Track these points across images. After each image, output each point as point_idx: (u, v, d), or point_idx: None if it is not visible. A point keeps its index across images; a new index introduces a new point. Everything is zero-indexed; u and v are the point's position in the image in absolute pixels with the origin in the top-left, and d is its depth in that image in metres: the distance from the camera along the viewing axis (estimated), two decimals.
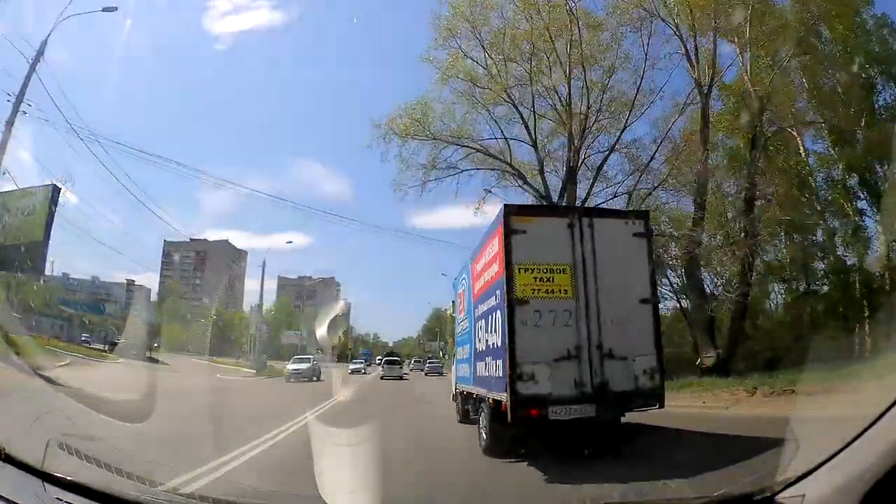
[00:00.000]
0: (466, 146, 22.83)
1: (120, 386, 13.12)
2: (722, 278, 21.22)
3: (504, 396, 6.30)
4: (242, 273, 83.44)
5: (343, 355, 63.28)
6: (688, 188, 20.83)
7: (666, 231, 23.18)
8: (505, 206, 6.92)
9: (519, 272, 6.46)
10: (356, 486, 4.14)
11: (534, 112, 21.68)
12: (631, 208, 12.09)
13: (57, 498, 2.37)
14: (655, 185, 21.03)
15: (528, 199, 24.54)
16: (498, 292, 6.85)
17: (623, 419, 6.97)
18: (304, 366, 27.92)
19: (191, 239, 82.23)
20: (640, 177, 21.10)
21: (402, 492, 4.88)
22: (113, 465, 3.31)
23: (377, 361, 55.76)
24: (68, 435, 4.84)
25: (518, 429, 6.40)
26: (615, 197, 22.87)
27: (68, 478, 2.52)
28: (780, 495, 2.07)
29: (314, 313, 56.98)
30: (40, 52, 18.11)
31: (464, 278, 9.75)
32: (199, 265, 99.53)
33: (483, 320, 7.81)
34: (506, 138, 22.71)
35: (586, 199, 22.42)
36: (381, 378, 33.21)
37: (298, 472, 5.25)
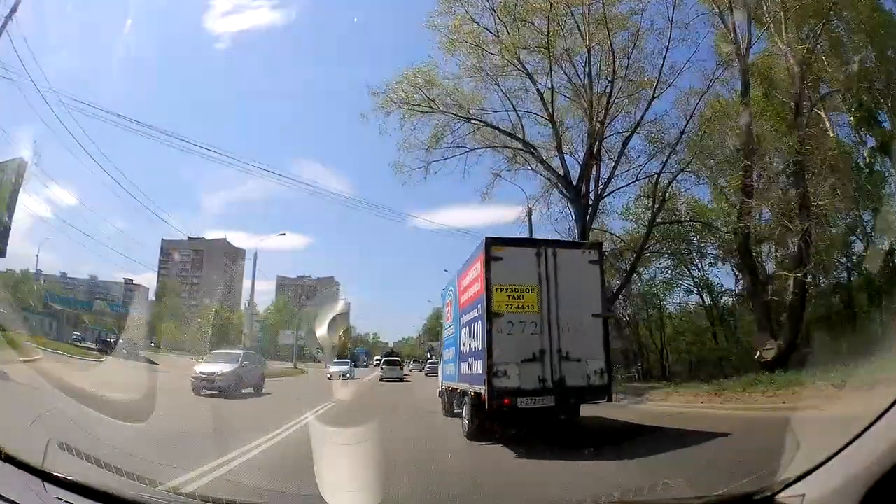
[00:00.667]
0: (475, 120, 21.05)
1: (95, 384, 12.30)
2: (781, 256, 19.56)
3: (483, 389, 7.85)
4: (241, 272, 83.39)
5: (342, 355, 62.95)
6: (716, 169, 19.63)
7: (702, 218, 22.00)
8: (486, 238, 8.41)
9: (496, 291, 8.07)
10: (355, 480, 4.15)
11: (551, 78, 19.81)
12: (588, 241, 12.11)
13: (57, 498, 2.37)
14: (681, 167, 19.85)
15: (539, 183, 23.35)
16: (479, 306, 8.40)
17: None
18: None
19: (189, 238, 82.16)
20: (667, 156, 19.77)
21: (401, 479, 5.25)
22: (113, 465, 3.31)
23: (375, 362, 53.12)
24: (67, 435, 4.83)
25: (494, 416, 7.89)
26: (636, 181, 21.50)
27: (68, 477, 2.52)
28: (780, 495, 2.07)
29: (314, 313, 56.77)
30: (13, 10, 16.49)
31: (451, 291, 11.12)
32: (197, 264, 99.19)
33: (467, 328, 9.34)
34: (517, 111, 20.95)
35: (609, 179, 20.99)
36: (381, 380, 31.01)
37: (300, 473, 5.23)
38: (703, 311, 28.44)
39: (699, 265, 26.59)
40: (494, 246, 8.26)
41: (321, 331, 45.57)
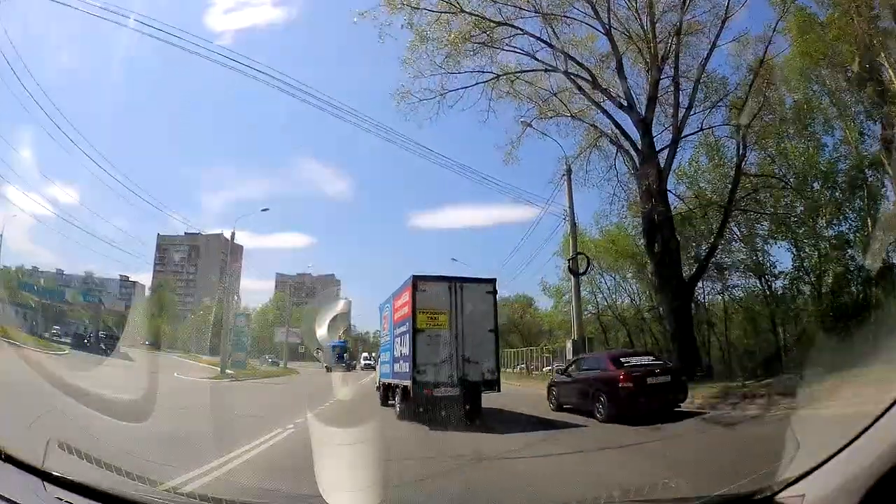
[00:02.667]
0: (508, 25, 17.05)
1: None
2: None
3: (409, 383, 10.81)
4: (238, 268, 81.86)
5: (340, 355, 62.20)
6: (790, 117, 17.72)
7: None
8: (413, 276, 11.29)
9: (419, 313, 10.98)
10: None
11: None
12: (486, 278, 11.49)
13: (57, 497, 2.37)
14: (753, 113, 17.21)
15: (578, 138, 20.17)
16: (408, 323, 11.22)
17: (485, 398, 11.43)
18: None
19: (185, 233, 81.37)
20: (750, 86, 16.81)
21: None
22: (113, 465, 3.31)
23: (365, 363, 47.15)
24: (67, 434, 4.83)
25: (417, 402, 10.73)
26: (709, 128, 18.36)
27: (68, 477, 2.52)
28: (780, 495, 2.07)
29: (313, 312, 56.32)
30: None
31: (388, 308, 13.96)
32: (192, 260, 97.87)
33: (399, 338, 12.18)
34: (559, 16, 16.95)
35: (688, 112, 17.72)
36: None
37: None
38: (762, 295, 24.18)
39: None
40: (419, 282, 11.25)
41: (321, 330, 45.26)
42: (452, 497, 5.22)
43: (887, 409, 1.72)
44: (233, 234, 36.35)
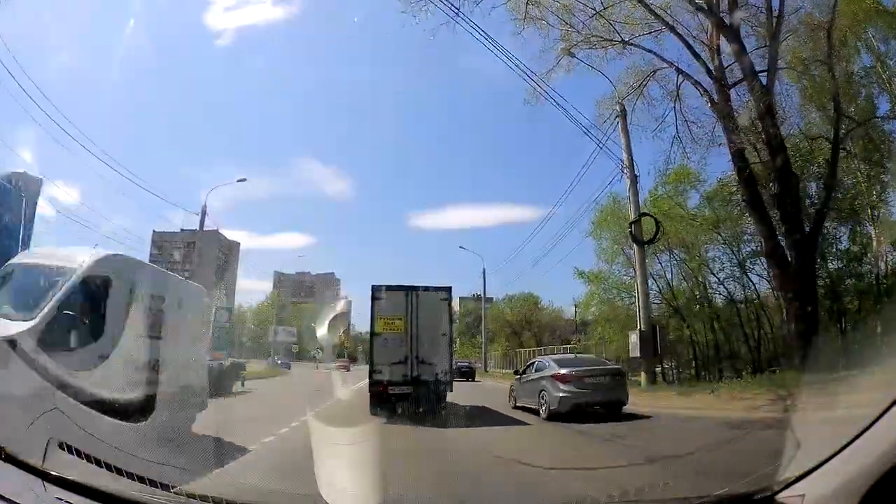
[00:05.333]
0: None
1: None
2: None
3: (367, 381, 12.31)
4: (235, 265, 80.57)
5: (341, 354, 61.95)
6: None
7: None
8: (372, 285, 12.57)
9: (378, 319, 12.36)
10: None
11: None
12: (441, 286, 12.20)
13: (57, 498, 2.36)
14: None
15: (630, 71, 16.65)
16: (368, 328, 13.00)
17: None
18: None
19: (181, 230, 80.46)
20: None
21: None
22: (113, 465, 3.31)
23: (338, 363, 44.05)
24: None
25: (376, 398, 11.89)
26: None
27: (68, 477, 2.51)
28: (780, 495, 2.07)
29: (313, 310, 55.88)
30: None
31: None
32: (187, 256, 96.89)
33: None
34: None
35: (780, 20, 14.66)
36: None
37: None
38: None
39: None
40: (377, 291, 12.48)
41: (321, 330, 44.98)
42: (453, 496, 5.23)
43: (887, 409, 1.72)
44: (204, 209, 30.15)
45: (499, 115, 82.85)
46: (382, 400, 11.83)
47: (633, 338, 16.64)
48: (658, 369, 19.32)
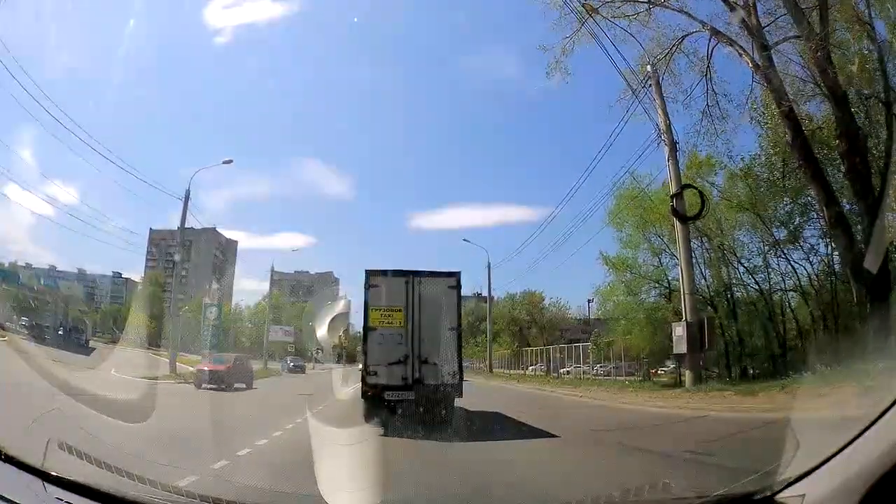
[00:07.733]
0: None
1: None
2: None
3: (359, 385, 10.39)
4: (232, 264, 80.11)
5: (339, 355, 61.24)
6: None
7: None
8: (366, 270, 10.53)
9: (372, 311, 10.27)
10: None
11: None
12: (449, 271, 10.88)
13: (57, 498, 2.36)
14: None
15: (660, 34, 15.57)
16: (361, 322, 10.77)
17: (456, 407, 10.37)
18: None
19: (178, 227, 79.70)
20: None
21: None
22: (113, 465, 3.31)
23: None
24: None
25: (370, 404, 9.96)
26: None
27: (68, 477, 2.51)
28: (780, 495, 2.07)
29: (312, 310, 55.52)
30: None
31: None
32: (184, 255, 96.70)
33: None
34: None
35: None
36: None
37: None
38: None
39: None
40: (372, 277, 10.50)
41: (321, 330, 44.82)
42: (455, 496, 5.22)
43: (887, 409, 1.72)
44: (187, 194, 28.41)
45: (499, 114, 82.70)
46: (376, 407, 9.93)
47: (679, 331, 14.53)
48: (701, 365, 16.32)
